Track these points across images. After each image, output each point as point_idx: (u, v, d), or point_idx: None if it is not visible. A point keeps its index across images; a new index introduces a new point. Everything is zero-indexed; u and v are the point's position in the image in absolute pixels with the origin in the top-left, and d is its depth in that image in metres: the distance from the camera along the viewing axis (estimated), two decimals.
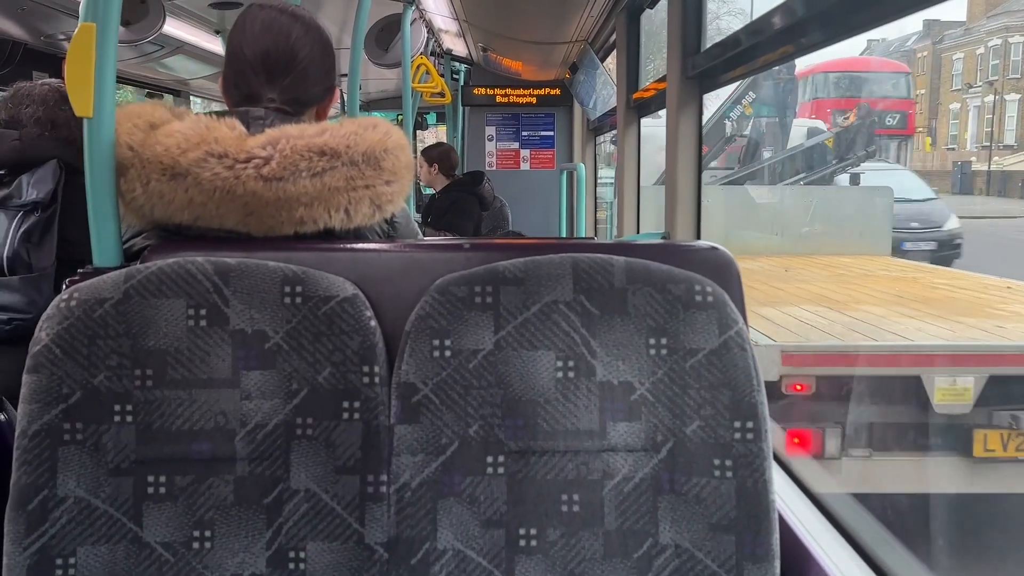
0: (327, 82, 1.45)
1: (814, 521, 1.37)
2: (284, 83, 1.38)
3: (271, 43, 1.37)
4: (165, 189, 1.20)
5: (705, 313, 1.14)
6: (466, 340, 1.14)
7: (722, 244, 1.25)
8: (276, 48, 1.37)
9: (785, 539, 1.16)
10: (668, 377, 1.14)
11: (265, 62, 1.37)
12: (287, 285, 1.13)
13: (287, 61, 1.37)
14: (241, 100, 1.39)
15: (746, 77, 2.45)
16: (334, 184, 1.22)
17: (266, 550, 1.11)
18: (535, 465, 1.13)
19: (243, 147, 1.21)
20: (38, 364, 1.09)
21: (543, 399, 1.13)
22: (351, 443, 1.12)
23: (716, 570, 1.11)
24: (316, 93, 1.43)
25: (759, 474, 1.12)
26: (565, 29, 4.77)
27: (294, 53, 1.37)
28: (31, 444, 1.08)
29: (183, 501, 1.10)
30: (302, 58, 1.38)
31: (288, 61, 1.37)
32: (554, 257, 1.16)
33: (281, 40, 1.37)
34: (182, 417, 1.11)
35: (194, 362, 1.12)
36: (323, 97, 1.45)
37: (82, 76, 1.18)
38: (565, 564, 1.11)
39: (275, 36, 1.37)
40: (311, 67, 1.40)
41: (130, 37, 3.34)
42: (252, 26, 1.39)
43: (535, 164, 7.06)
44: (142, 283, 1.12)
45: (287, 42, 1.37)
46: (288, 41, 1.37)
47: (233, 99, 1.41)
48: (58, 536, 1.08)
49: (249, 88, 1.38)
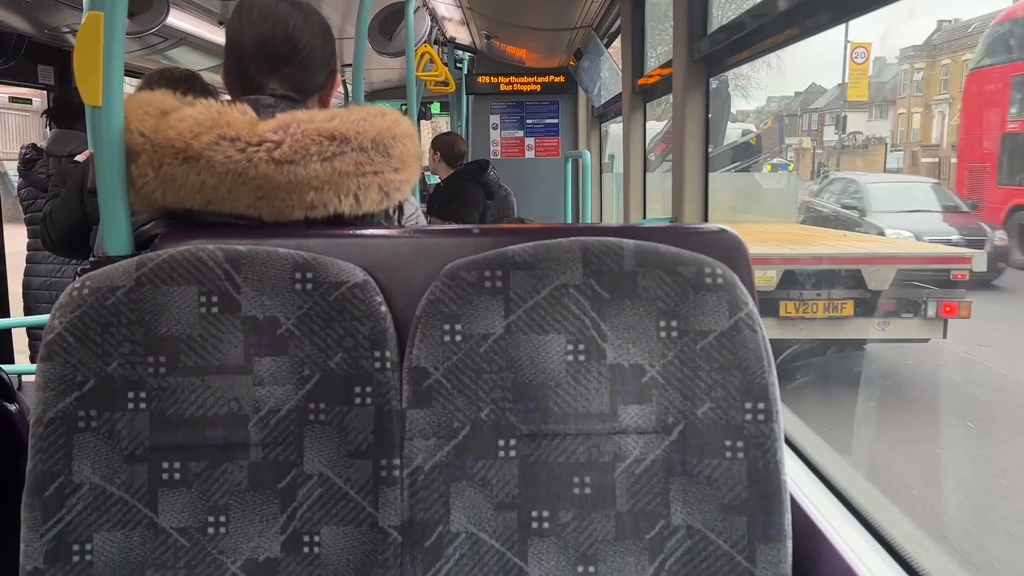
0: (328, 68, 1.44)
1: (825, 501, 1.37)
2: (285, 72, 1.37)
3: (269, 32, 1.36)
4: (177, 173, 1.21)
5: (715, 295, 1.14)
6: (476, 324, 1.14)
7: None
8: (275, 37, 1.36)
9: (797, 519, 1.17)
10: (679, 359, 1.14)
11: (264, 52, 1.36)
12: (298, 271, 1.14)
13: (287, 50, 1.36)
14: (243, 91, 1.38)
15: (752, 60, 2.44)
16: (344, 169, 1.22)
17: (280, 534, 1.12)
18: (546, 448, 1.13)
19: (255, 131, 1.21)
20: (52, 352, 1.10)
21: (554, 382, 1.14)
22: (364, 428, 1.13)
23: (728, 551, 1.11)
24: (318, 80, 1.42)
25: (770, 455, 1.12)
26: (569, 15, 4.75)
27: (294, 41, 1.37)
28: (46, 431, 1.09)
29: (198, 487, 1.11)
30: (302, 46, 1.37)
31: (288, 50, 1.37)
32: (564, 241, 1.16)
33: (279, 29, 1.36)
34: (196, 403, 1.12)
35: (207, 349, 1.12)
36: (325, 84, 1.45)
37: (90, 65, 1.19)
38: (577, 546, 1.12)
39: (273, 25, 1.36)
40: (312, 55, 1.39)
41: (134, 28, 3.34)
42: (249, 15, 1.38)
43: (540, 152, 7.06)
44: (154, 271, 1.12)
45: (286, 30, 1.36)
46: (287, 29, 1.36)
47: (235, 90, 1.40)
48: (74, 522, 1.09)
49: (250, 79, 1.38)
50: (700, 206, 2.64)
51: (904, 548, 1.23)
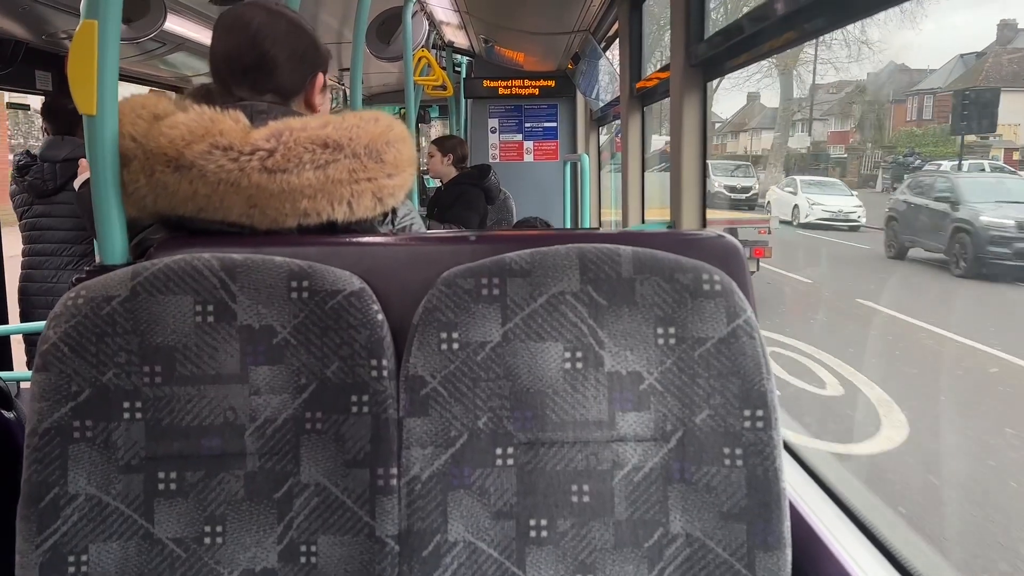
0: (304, 69, 1.41)
1: (825, 508, 1.37)
2: (254, 79, 1.36)
3: (235, 42, 1.35)
4: (169, 181, 1.20)
5: (713, 302, 1.14)
6: (473, 332, 1.13)
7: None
8: (239, 45, 1.35)
9: (796, 527, 1.16)
10: (677, 367, 1.13)
11: (232, 62, 1.36)
12: (294, 280, 1.13)
13: (254, 58, 1.35)
14: (224, 101, 1.36)
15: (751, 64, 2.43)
16: (337, 176, 1.22)
17: (277, 544, 1.11)
18: (544, 456, 1.13)
19: (247, 139, 1.20)
20: (47, 362, 1.09)
21: (551, 390, 1.13)
22: (360, 437, 1.12)
23: (727, 559, 1.11)
24: (293, 82, 1.40)
25: (769, 462, 1.12)
26: (567, 19, 4.75)
27: (259, 48, 1.35)
28: (41, 442, 1.08)
29: (194, 497, 1.10)
30: (266, 50, 1.35)
31: (255, 57, 1.35)
32: (560, 248, 1.16)
33: (244, 37, 1.35)
34: (191, 413, 1.11)
35: (202, 358, 1.12)
36: (303, 84, 1.42)
37: (84, 73, 1.18)
38: (576, 555, 1.11)
39: (239, 33, 1.35)
40: (279, 58, 1.36)
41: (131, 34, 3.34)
42: (222, 25, 1.38)
43: (538, 156, 7.06)
44: (149, 280, 1.12)
45: (248, 36, 1.35)
46: (248, 35, 1.35)
47: (223, 98, 1.39)
48: (70, 533, 1.08)
49: (226, 87, 1.37)
50: (698, 212, 2.64)
51: (904, 556, 1.22)
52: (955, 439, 5.03)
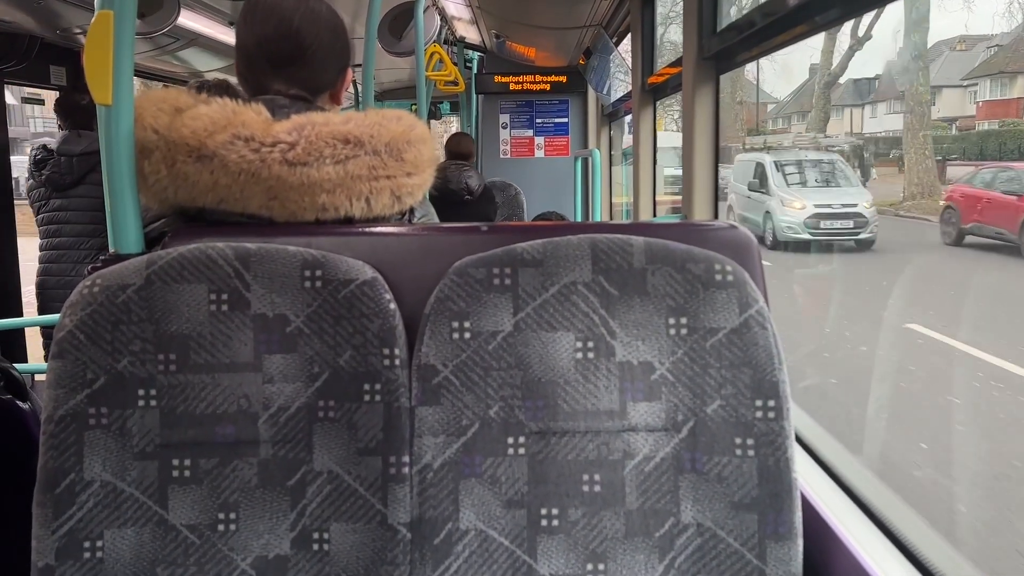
0: (338, 65, 1.41)
1: (836, 499, 1.37)
2: (291, 71, 1.35)
3: (273, 32, 1.34)
4: (191, 171, 1.21)
5: (725, 292, 1.14)
6: (485, 322, 1.14)
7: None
8: (279, 36, 1.33)
9: (807, 517, 1.16)
10: (688, 357, 1.13)
11: (268, 52, 1.34)
12: (307, 269, 1.14)
13: (292, 48, 1.34)
14: (252, 92, 1.37)
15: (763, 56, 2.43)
16: (356, 172, 1.22)
17: (290, 531, 1.12)
18: (556, 446, 1.13)
19: (269, 131, 1.21)
20: (63, 350, 1.10)
21: (563, 380, 1.14)
22: (373, 425, 1.13)
23: (738, 548, 1.11)
24: (327, 78, 1.40)
25: (781, 452, 1.12)
26: (579, 14, 4.75)
27: (299, 39, 1.34)
28: (57, 429, 1.09)
29: (208, 484, 1.11)
30: (308, 44, 1.34)
31: (293, 48, 1.34)
32: (572, 238, 1.16)
33: (284, 27, 1.33)
34: (205, 401, 1.12)
35: (216, 346, 1.13)
36: (335, 81, 1.42)
37: (100, 64, 1.19)
38: (587, 544, 1.12)
39: (277, 23, 1.34)
40: (318, 52, 1.36)
41: (145, 29, 3.35)
42: (254, 13, 1.35)
43: (550, 151, 7.06)
44: (164, 269, 1.12)
45: (290, 28, 1.33)
46: (291, 27, 1.33)
47: (247, 91, 1.39)
48: (85, 519, 1.09)
49: (257, 79, 1.36)
50: (710, 203, 2.63)
51: (916, 546, 1.22)
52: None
